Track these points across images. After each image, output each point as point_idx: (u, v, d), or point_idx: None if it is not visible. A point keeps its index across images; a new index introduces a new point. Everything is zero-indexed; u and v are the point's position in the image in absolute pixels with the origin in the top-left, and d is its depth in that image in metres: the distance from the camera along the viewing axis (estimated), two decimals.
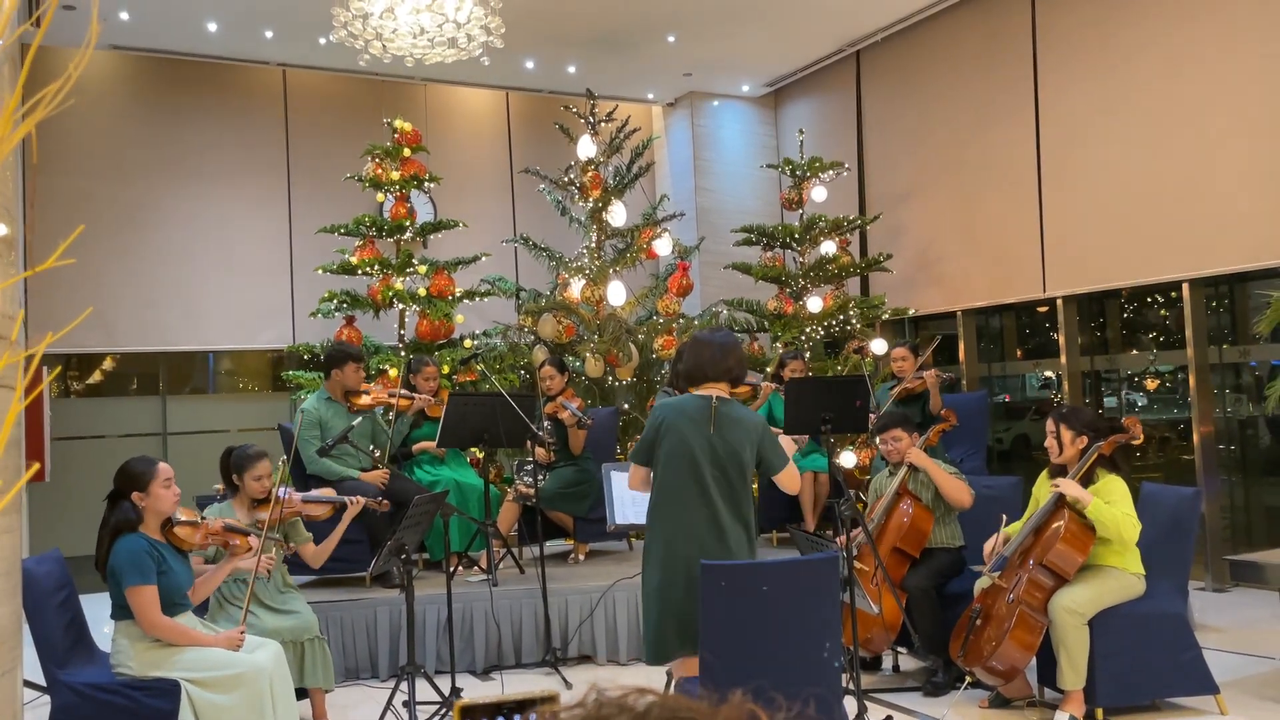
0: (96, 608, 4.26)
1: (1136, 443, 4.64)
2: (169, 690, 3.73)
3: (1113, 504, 4.33)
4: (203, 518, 4.11)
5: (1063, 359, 8.23)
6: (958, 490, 5.12)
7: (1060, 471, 4.60)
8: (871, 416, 6.08)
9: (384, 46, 6.57)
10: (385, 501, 4.97)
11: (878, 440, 5.49)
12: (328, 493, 4.83)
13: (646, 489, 3.91)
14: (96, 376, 9.78)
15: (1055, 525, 4.45)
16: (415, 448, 6.48)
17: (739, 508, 3.79)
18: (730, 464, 3.77)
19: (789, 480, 3.93)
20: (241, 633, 4.00)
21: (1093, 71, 7.84)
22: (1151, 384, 8.35)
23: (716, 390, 3.86)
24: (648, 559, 3.84)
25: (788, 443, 4.11)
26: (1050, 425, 4.67)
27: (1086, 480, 4.47)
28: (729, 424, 3.80)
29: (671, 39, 9.31)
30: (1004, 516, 4.80)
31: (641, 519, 4.30)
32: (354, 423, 5.58)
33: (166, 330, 9.32)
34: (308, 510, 4.67)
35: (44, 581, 3.93)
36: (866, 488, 5.85)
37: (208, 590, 4.23)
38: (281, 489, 4.51)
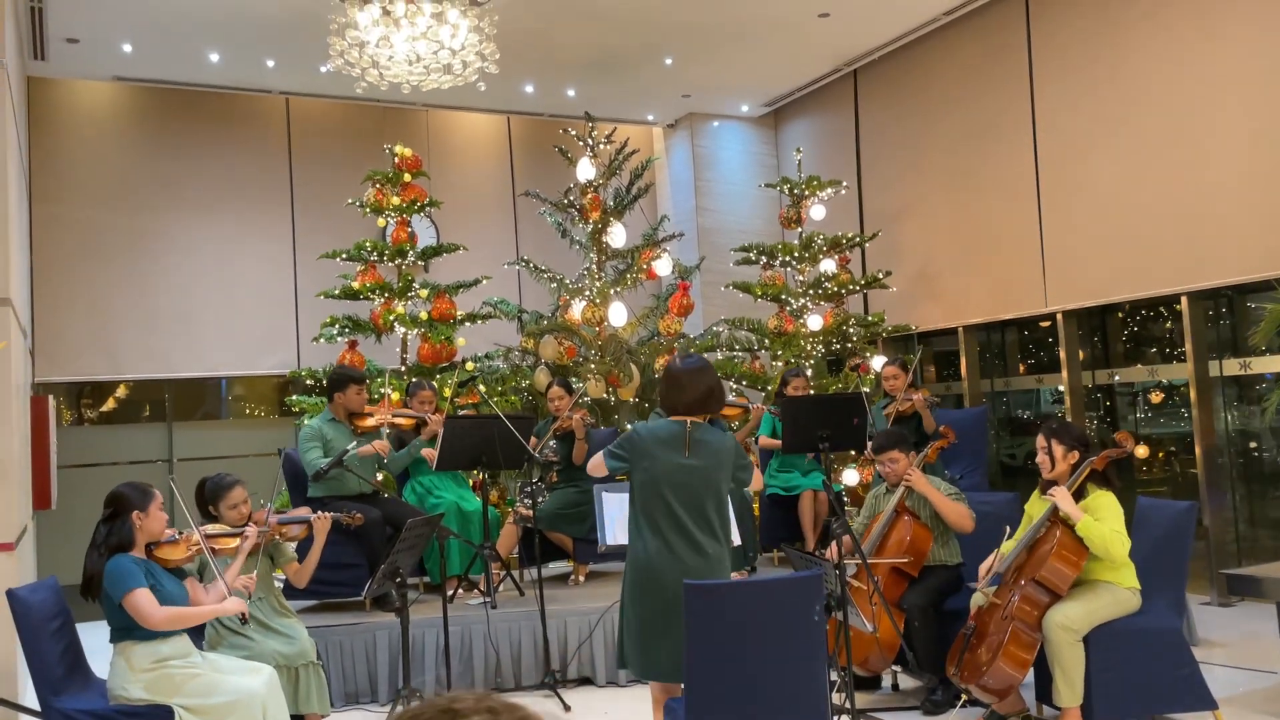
0: (94, 636, 4.29)
1: (1141, 454, 4.61)
2: (162, 717, 3.76)
3: (1102, 520, 4.32)
4: (181, 533, 4.16)
5: (1064, 374, 8.21)
6: (959, 515, 5.10)
7: (1051, 487, 4.59)
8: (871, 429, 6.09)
9: (380, 74, 6.65)
10: (359, 515, 4.98)
11: (875, 461, 5.48)
12: (303, 512, 4.86)
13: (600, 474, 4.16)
14: (110, 404, 9.86)
15: (1048, 541, 4.43)
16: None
17: (712, 527, 3.88)
18: (703, 486, 3.86)
19: (755, 484, 4.29)
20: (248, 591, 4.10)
21: (1089, 87, 7.86)
22: (1156, 397, 8.32)
23: (692, 418, 3.92)
24: (626, 577, 3.94)
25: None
26: (1041, 441, 4.64)
27: (1077, 496, 4.45)
28: (702, 448, 3.88)
29: (669, 61, 9.38)
30: (1006, 529, 4.77)
31: None
32: (349, 446, 5.61)
33: (171, 357, 9.41)
34: (284, 531, 4.71)
35: (39, 609, 3.97)
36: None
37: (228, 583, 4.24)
38: (266, 512, 4.56)
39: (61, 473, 8.20)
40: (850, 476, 7.96)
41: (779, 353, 8.74)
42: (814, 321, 8.72)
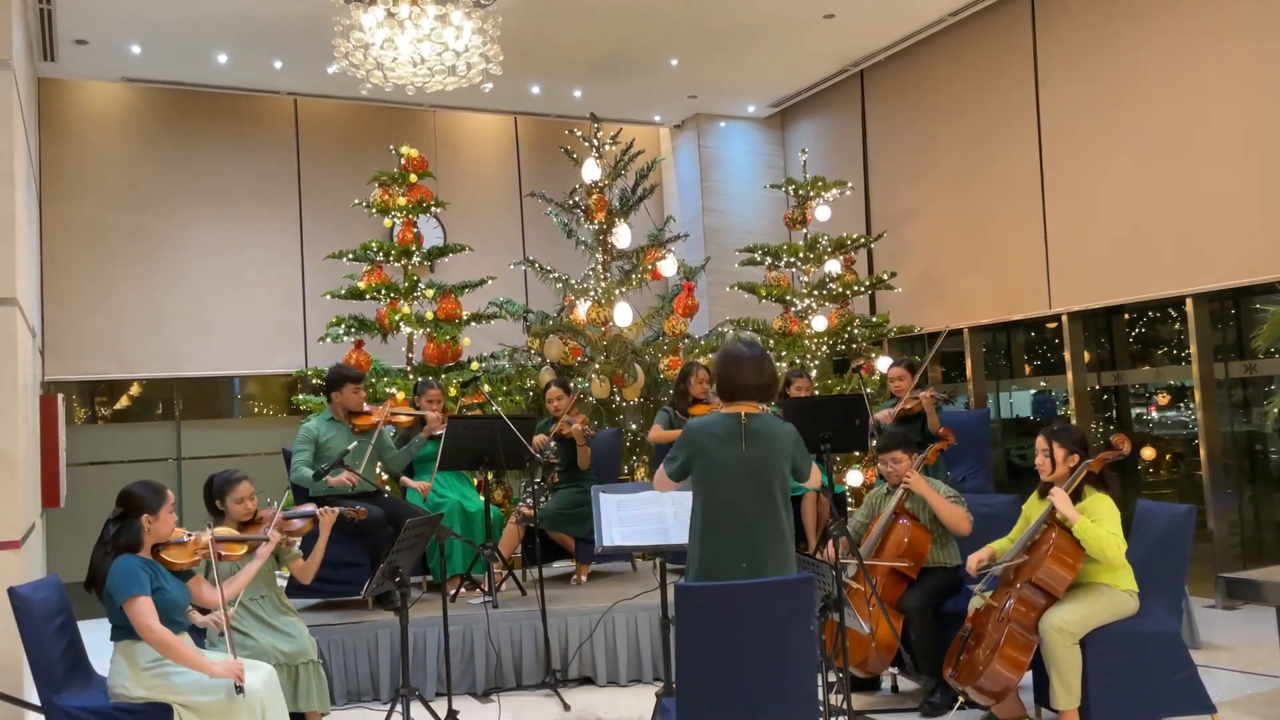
0: (97, 632, 4.32)
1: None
2: (162, 715, 3.79)
3: (1099, 522, 4.32)
4: (190, 534, 4.19)
5: (1069, 375, 8.20)
6: (956, 518, 5.11)
7: (1050, 490, 4.59)
8: (872, 440, 6.09)
9: (385, 76, 6.68)
10: (363, 509, 5.01)
11: (878, 460, 5.49)
12: (308, 508, 4.89)
13: (671, 489, 4.01)
14: (122, 403, 9.93)
15: (1045, 543, 4.43)
16: (404, 482, 6.53)
17: (778, 522, 3.76)
18: (764, 479, 3.75)
19: (813, 481, 4.06)
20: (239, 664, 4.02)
21: (1094, 89, 7.84)
22: (1162, 399, 8.29)
23: (747, 407, 3.83)
24: (690, 575, 3.83)
25: None
26: (1042, 443, 4.63)
27: (1074, 498, 4.46)
28: (760, 439, 3.78)
29: (675, 62, 9.39)
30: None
31: (630, 541, 4.33)
32: (350, 446, 5.64)
33: (180, 357, 9.47)
34: (291, 528, 4.73)
35: (41, 607, 4.01)
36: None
37: (234, 591, 4.27)
38: (272, 512, 4.58)
39: (72, 471, 8.27)
40: (854, 477, 7.97)
41: (784, 354, 8.75)
42: (819, 322, 8.72)
